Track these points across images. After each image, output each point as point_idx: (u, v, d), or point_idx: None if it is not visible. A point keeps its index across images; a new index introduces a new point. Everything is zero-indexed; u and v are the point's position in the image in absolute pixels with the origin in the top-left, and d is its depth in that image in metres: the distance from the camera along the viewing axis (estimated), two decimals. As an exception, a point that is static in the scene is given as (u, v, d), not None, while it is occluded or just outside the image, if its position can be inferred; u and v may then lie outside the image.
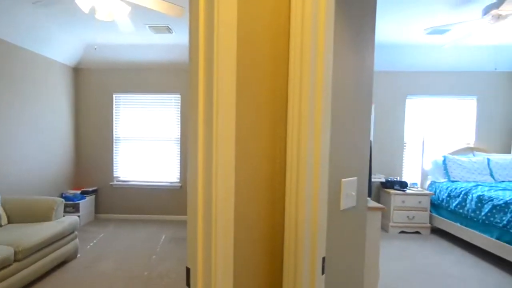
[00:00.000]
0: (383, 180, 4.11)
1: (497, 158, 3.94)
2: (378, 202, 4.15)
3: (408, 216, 3.85)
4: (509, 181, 3.71)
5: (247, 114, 0.69)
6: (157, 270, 2.68)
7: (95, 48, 3.98)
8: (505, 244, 2.77)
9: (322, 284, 0.75)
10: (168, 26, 3.35)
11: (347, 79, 0.93)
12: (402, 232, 3.88)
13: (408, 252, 3.23)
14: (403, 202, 3.85)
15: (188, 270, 0.61)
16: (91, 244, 3.31)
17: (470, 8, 2.80)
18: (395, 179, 4.07)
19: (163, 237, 3.61)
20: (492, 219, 2.95)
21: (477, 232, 3.14)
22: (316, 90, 0.68)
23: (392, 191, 3.89)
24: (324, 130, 0.71)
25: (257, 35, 0.69)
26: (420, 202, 3.85)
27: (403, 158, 4.31)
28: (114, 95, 4.34)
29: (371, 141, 1.51)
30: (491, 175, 3.81)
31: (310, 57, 0.69)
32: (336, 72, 0.86)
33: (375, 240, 2.09)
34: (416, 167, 4.30)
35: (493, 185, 3.47)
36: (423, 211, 3.86)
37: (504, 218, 2.81)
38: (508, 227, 2.75)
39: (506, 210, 2.81)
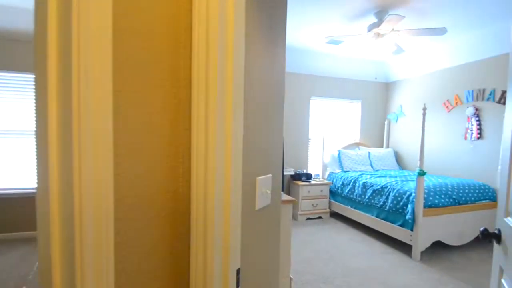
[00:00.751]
0: (292, 173, 4.47)
1: (375, 151, 4.87)
2: (289, 193, 4.51)
3: (313, 204, 4.33)
4: (383, 169, 4.64)
5: (133, 107, 0.55)
6: (35, 303, 2.11)
7: None
8: (381, 220, 3.44)
9: (236, 297, 0.68)
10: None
11: (261, 74, 0.88)
12: (309, 218, 4.33)
13: (313, 237, 3.62)
14: (309, 192, 4.29)
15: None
16: None
17: (359, 24, 3.30)
18: (302, 172, 4.49)
19: (47, 258, 2.89)
20: (373, 201, 3.62)
21: (363, 213, 3.79)
22: (226, 82, 0.60)
23: (300, 182, 4.28)
24: (236, 124, 0.64)
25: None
26: (321, 191, 4.38)
27: (308, 152, 4.82)
28: (-38, 76, 3.18)
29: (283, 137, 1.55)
30: (371, 165, 4.68)
31: (218, 46, 0.59)
32: (249, 67, 0.80)
33: (287, 231, 2.21)
34: (318, 160, 4.88)
35: (373, 173, 4.27)
36: (324, 198, 4.41)
37: (380, 199, 3.48)
38: (383, 206, 3.42)
39: (382, 193, 3.49)
